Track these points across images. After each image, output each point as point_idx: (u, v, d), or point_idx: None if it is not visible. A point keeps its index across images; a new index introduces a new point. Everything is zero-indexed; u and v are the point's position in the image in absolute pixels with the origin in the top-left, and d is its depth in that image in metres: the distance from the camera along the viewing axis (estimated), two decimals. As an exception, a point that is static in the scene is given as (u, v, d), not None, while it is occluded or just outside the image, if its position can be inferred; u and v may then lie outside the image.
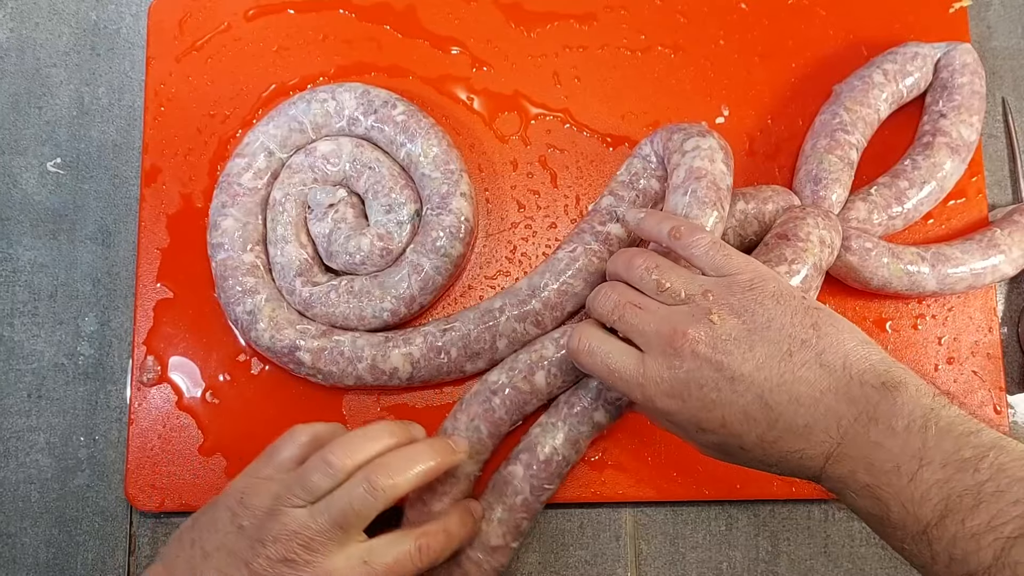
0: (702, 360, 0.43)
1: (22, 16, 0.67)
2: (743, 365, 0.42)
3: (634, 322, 0.46)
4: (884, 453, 0.39)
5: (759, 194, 0.58)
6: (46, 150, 0.65)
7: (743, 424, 0.42)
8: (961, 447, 0.38)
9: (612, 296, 0.48)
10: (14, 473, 0.61)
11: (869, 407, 0.40)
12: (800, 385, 0.41)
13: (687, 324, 0.43)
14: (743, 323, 0.43)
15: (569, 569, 0.59)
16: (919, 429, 0.39)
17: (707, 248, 0.47)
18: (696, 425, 0.44)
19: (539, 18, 0.65)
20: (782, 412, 0.41)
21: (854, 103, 0.60)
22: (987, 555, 0.35)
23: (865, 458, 0.39)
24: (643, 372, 0.44)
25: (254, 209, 0.59)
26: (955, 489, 0.37)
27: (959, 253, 0.58)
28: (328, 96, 0.59)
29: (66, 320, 0.63)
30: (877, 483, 0.39)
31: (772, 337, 0.42)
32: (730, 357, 0.42)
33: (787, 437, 0.41)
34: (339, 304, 0.57)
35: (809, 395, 0.41)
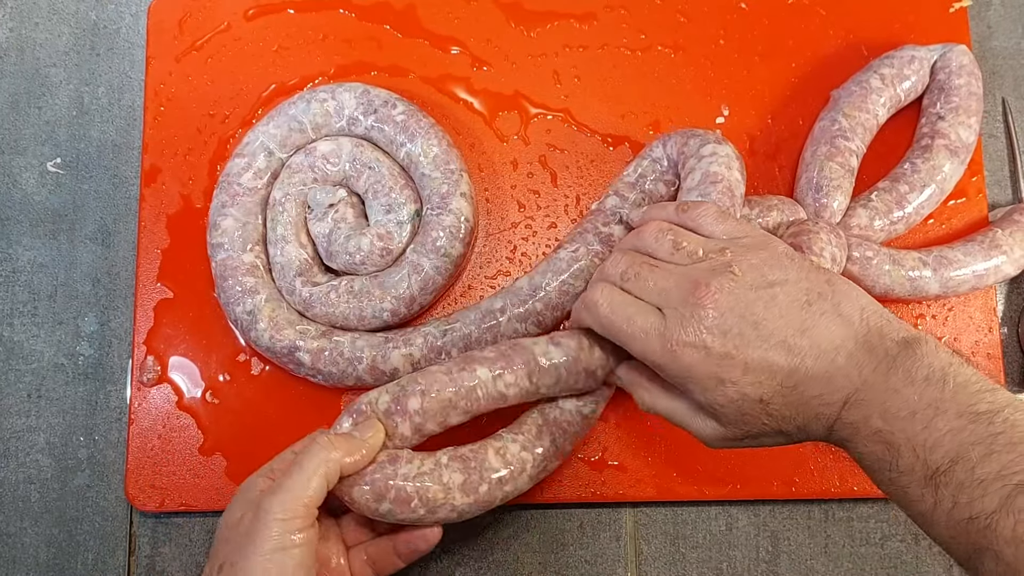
0: (726, 309, 0.43)
1: (22, 16, 0.67)
2: (766, 312, 0.43)
3: (652, 279, 0.46)
4: (901, 400, 0.40)
5: (764, 202, 0.58)
6: (46, 150, 0.65)
7: (766, 371, 0.42)
8: (977, 401, 0.39)
9: (626, 258, 0.48)
10: (14, 473, 0.61)
11: (888, 358, 0.41)
12: (821, 332, 0.42)
13: (708, 277, 0.44)
14: (762, 276, 0.44)
15: (569, 569, 0.59)
16: (938, 380, 0.39)
17: (716, 215, 0.48)
18: (717, 377, 0.43)
19: (539, 18, 0.65)
20: (804, 357, 0.42)
21: (853, 109, 0.60)
22: (992, 501, 0.36)
23: (882, 404, 0.40)
24: (665, 325, 0.44)
25: (254, 209, 0.59)
26: (968, 439, 0.38)
27: (961, 255, 0.58)
28: (328, 96, 0.59)
29: (66, 320, 0.63)
30: (891, 428, 0.40)
31: (790, 290, 0.43)
32: (753, 306, 0.43)
33: (808, 383, 0.42)
34: (339, 304, 0.57)
35: (830, 341, 0.42)
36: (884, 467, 0.40)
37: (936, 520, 0.38)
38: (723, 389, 0.43)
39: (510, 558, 0.59)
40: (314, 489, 0.45)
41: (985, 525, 0.36)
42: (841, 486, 0.59)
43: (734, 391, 0.43)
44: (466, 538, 0.59)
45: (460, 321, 0.57)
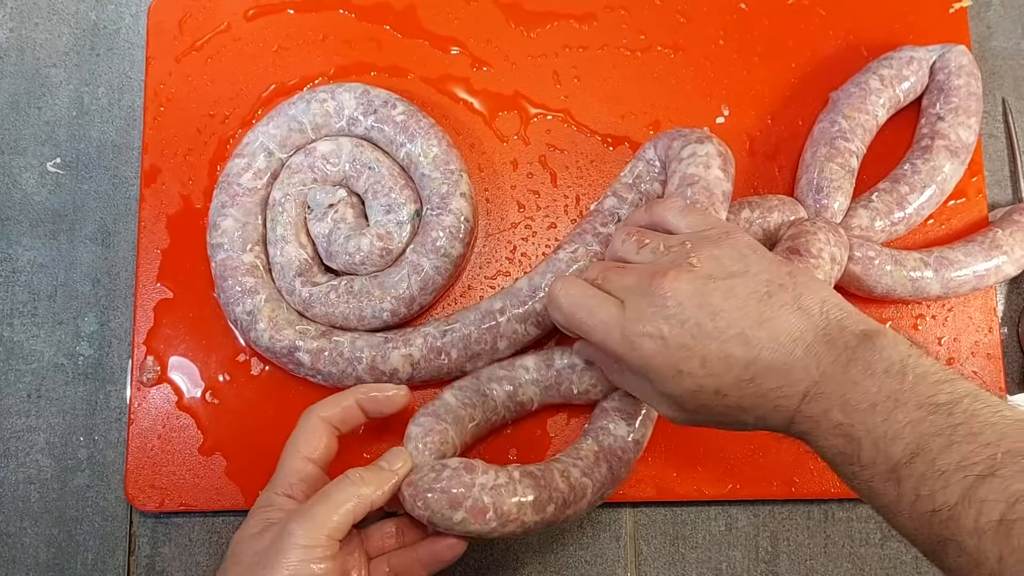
0: (684, 298, 0.43)
1: (22, 16, 0.67)
2: (724, 303, 0.43)
3: (616, 277, 0.47)
4: (861, 392, 0.40)
5: (764, 203, 0.58)
6: (46, 150, 0.65)
7: (723, 363, 0.42)
8: (936, 392, 0.38)
9: (598, 266, 0.50)
10: (14, 473, 0.61)
11: (848, 350, 0.41)
12: (779, 324, 0.42)
13: (667, 267, 0.44)
14: (721, 267, 0.44)
15: (569, 569, 0.59)
16: (897, 372, 0.39)
17: (680, 208, 0.49)
18: (674, 368, 0.43)
19: (539, 18, 0.65)
20: (762, 349, 0.42)
21: (852, 110, 0.60)
22: (954, 492, 0.36)
23: (841, 396, 0.40)
24: (624, 315, 0.45)
25: (254, 209, 0.59)
26: (928, 430, 0.37)
27: (962, 256, 0.58)
28: (328, 96, 0.59)
29: (66, 320, 0.63)
30: (851, 421, 0.40)
31: (750, 281, 0.43)
32: (711, 296, 0.43)
33: (766, 375, 0.42)
34: (339, 304, 0.57)
35: (788, 334, 0.42)
36: (846, 461, 0.40)
37: (900, 513, 0.38)
38: (680, 380, 0.44)
39: (510, 558, 0.59)
40: (339, 522, 0.45)
41: (948, 516, 0.36)
42: (841, 486, 0.59)
43: (691, 382, 0.43)
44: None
45: (460, 321, 0.57)
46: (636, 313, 0.44)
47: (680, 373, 0.43)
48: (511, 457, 0.58)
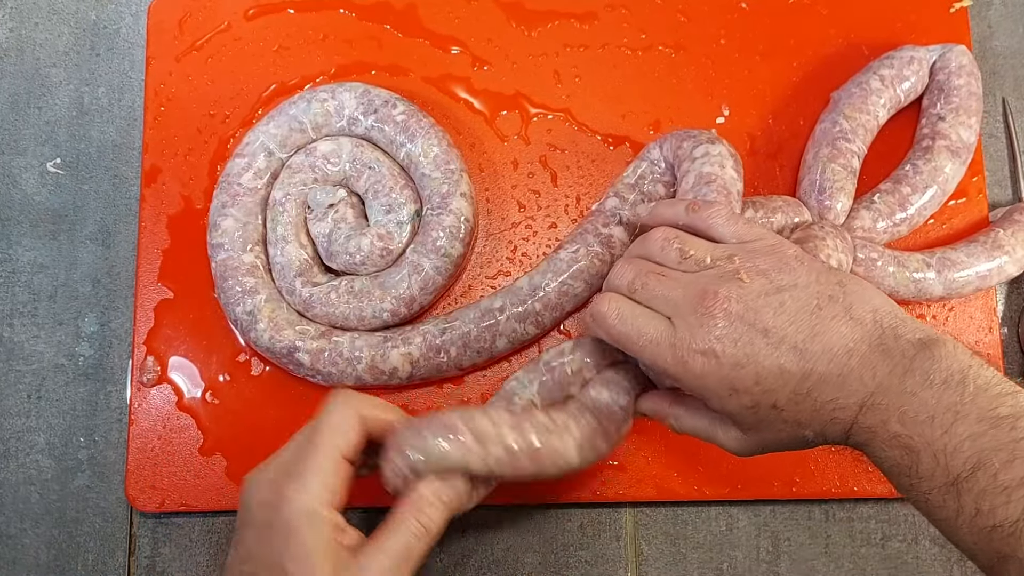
0: (735, 317, 0.43)
1: (22, 16, 0.67)
2: (775, 319, 0.42)
3: (659, 289, 0.46)
4: (919, 404, 0.39)
5: (769, 203, 0.58)
6: (46, 150, 0.65)
7: (777, 379, 0.42)
8: (998, 405, 0.38)
9: (632, 267, 0.48)
10: (14, 474, 0.61)
11: (905, 360, 0.40)
12: (832, 336, 0.42)
13: (716, 285, 0.44)
14: (771, 282, 0.44)
15: (569, 569, 0.59)
16: (957, 384, 0.39)
17: (727, 217, 0.48)
18: (729, 386, 0.43)
19: (540, 17, 0.65)
20: (816, 362, 0.41)
21: (853, 110, 0.60)
22: (1016, 509, 0.35)
23: (899, 408, 0.40)
24: (675, 334, 0.44)
25: (254, 209, 0.59)
26: (989, 444, 0.37)
27: (964, 256, 0.57)
28: (328, 96, 0.59)
29: (66, 321, 0.63)
30: (909, 433, 0.39)
31: (800, 294, 0.43)
32: (762, 312, 0.43)
33: (821, 387, 0.41)
34: (339, 304, 0.57)
35: (842, 345, 0.41)
36: (904, 472, 0.40)
37: (959, 527, 0.38)
38: (737, 398, 0.43)
39: (510, 558, 0.59)
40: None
41: (1009, 533, 0.35)
42: (841, 486, 0.59)
43: (748, 399, 0.43)
44: (466, 537, 0.59)
45: (459, 319, 0.57)
46: (687, 332, 0.44)
47: (736, 391, 0.43)
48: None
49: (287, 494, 0.42)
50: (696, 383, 0.44)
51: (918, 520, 0.60)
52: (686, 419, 0.49)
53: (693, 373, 0.44)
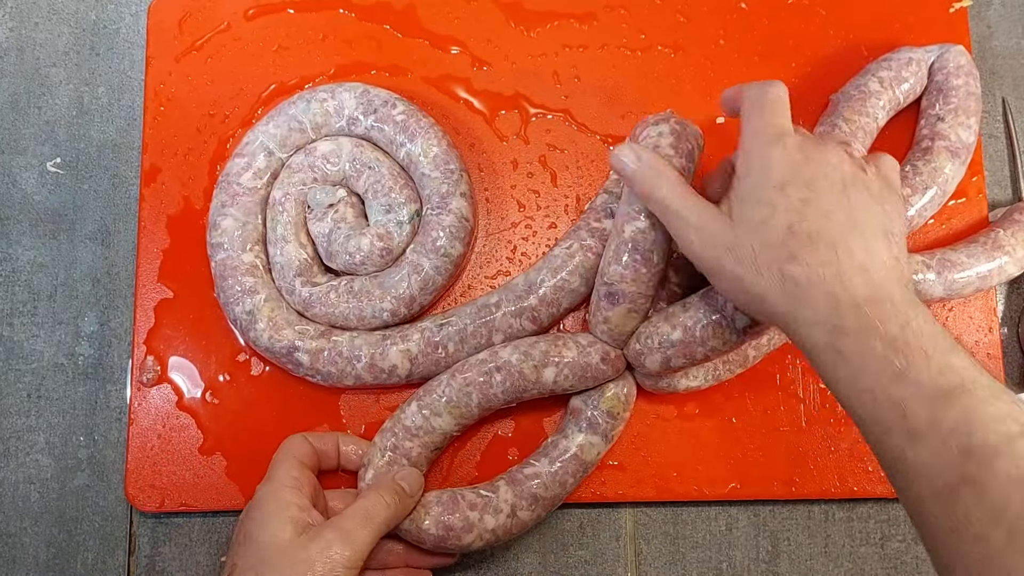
0: (840, 162, 0.45)
1: (22, 16, 0.67)
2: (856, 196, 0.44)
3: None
4: (922, 325, 0.40)
5: None
6: (46, 150, 0.65)
7: (821, 213, 0.43)
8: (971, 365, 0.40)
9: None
10: (14, 473, 0.61)
11: (915, 305, 0.42)
12: (878, 245, 0.43)
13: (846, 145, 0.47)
14: (876, 184, 0.46)
15: (569, 569, 0.59)
16: (950, 335, 0.41)
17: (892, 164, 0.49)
18: (785, 179, 0.44)
19: (539, 17, 0.65)
20: (855, 239, 0.43)
21: (852, 113, 0.60)
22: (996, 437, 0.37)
23: (905, 319, 0.40)
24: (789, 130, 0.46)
25: (254, 209, 0.59)
26: (978, 377, 0.39)
27: (964, 257, 0.57)
28: (328, 96, 0.59)
29: (66, 320, 0.63)
30: (907, 339, 0.40)
31: (881, 211, 0.45)
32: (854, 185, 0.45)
33: (844, 253, 0.42)
34: (339, 304, 0.57)
35: (880, 257, 0.43)
36: (886, 368, 0.40)
37: (927, 438, 0.38)
38: (774, 194, 0.44)
39: (510, 558, 0.59)
40: (373, 543, 0.49)
41: (981, 456, 0.36)
42: (841, 486, 0.59)
43: (783, 200, 0.44)
44: (466, 538, 0.59)
45: (456, 316, 0.57)
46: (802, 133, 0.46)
47: (783, 188, 0.44)
48: (510, 457, 0.58)
49: (258, 491, 0.51)
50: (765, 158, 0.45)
51: (917, 520, 0.60)
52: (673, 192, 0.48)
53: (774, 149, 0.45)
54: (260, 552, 0.47)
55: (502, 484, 0.55)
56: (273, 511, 0.49)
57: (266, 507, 0.49)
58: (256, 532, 0.48)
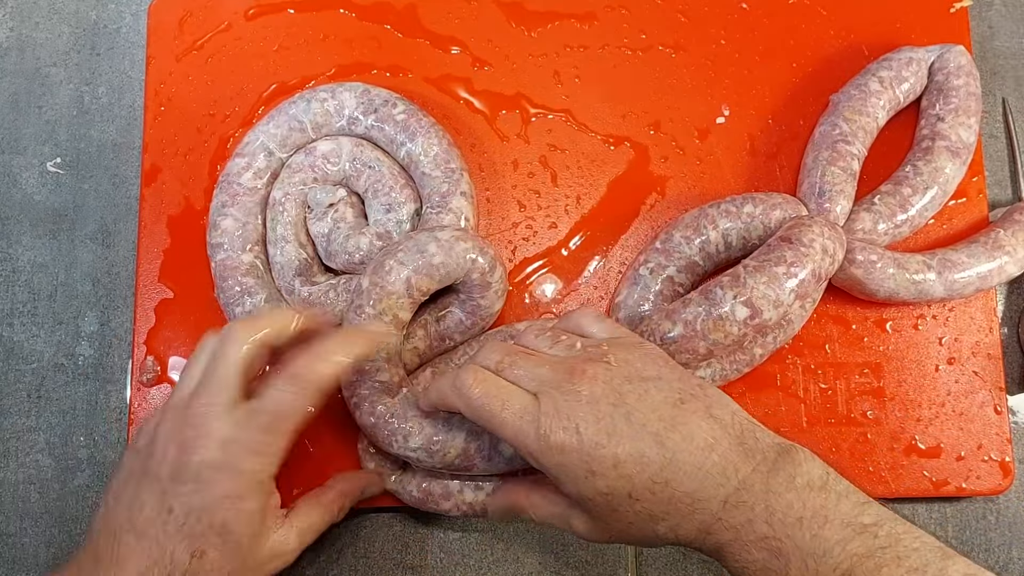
0: (600, 396, 0.43)
1: (22, 16, 0.67)
2: (639, 403, 0.43)
3: (528, 365, 0.45)
4: (786, 504, 0.40)
5: (768, 200, 0.58)
6: (46, 150, 0.65)
7: (636, 464, 0.42)
8: (860, 513, 0.40)
9: (502, 348, 0.47)
10: (14, 473, 0.61)
11: (767, 461, 0.41)
12: (693, 428, 0.42)
13: (585, 363, 0.44)
14: (636, 371, 0.44)
15: (569, 569, 0.59)
16: (819, 488, 0.40)
17: (595, 317, 0.49)
18: (587, 467, 0.42)
19: (540, 17, 0.65)
20: (677, 451, 0.42)
21: (853, 113, 0.60)
22: None
23: (766, 506, 0.40)
24: (539, 408, 0.43)
25: (253, 209, 0.59)
26: (857, 550, 0.38)
27: (965, 257, 0.57)
28: (328, 96, 0.59)
29: (66, 320, 0.63)
30: (777, 535, 0.40)
31: (663, 386, 0.44)
32: (626, 396, 0.43)
33: (680, 478, 0.41)
34: (338, 303, 0.57)
35: (703, 439, 0.42)
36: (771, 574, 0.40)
37: None
38: (593, 481, 0.43)
39: (510, 558, 0.59)
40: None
41: None
42: (841, 486, 0.59)
43: (603, 484, 0.42)
44: (466, 537, 0.59)
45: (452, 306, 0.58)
46: (552, 406, 0.43)
47: (593, 474, 0.42)
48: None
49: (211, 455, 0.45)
50: (555, 460, 0.43)
51: (916, 520, 0.60)
52: (543, 507, 0.48)
53: (554, 448, 0.43)
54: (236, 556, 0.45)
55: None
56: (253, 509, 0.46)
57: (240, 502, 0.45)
58: (235, 526, 0.45)
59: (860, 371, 0.60)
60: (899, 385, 0.60)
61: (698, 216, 0.58)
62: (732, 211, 0.57)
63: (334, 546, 0.59)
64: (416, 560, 0.59)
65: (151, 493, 0.45)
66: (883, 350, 0.60)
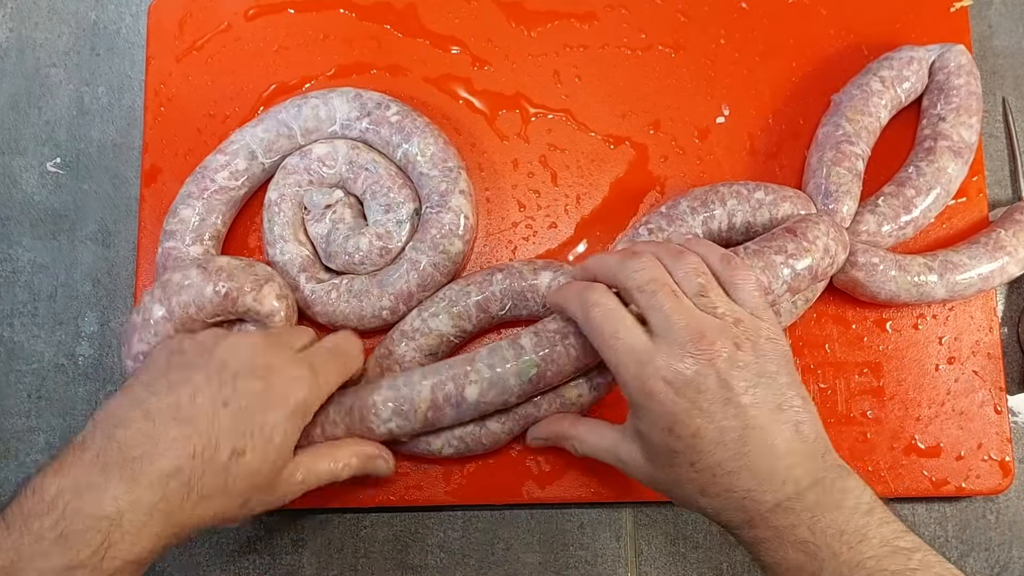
0: (714, 371, 0.44)
1: (22, 16, 0.67)
2: (743, 395, 0.44)
3: (667, 306, 0.45)
4: (830, 519, 0.42)
5: (780, 191, 0.58)
6: (46, 150, 0.65)
7: (712, 444, 0.43)
8: (898, 538, 0.42)
9: (652, 271, 0.47)
10: (14, 473, 0.61)
11: (826, 480, 0.44)
12: (777, 435, 0.44)
13: (716, 335, 0.44)
14: (757, 363, 0.45)
15: (569, 569, 0.59)
16: (865, 513, 0.43)
17: (754, 287, 0.48)
18: (668, 423, 0.44)
19: (539, 17, 0.65)
20: (753, 450, 0.43)
21: (855, 113, 0.60)
22: None
23: (812, 517, 0.42)
24: (652, 351, 0.45)
25: (219, 207, 0.58)
26: (889, 567, 0.41)
27: (966, 259, 0.57)
28: (320, 102, 0.58)
29: (66, 320, 0.63)
30: (816, 542, 0.42)
31: (773, 388, 0.45)
32: (737, 382, 0.44)
33: (743, 474, 0.43)
34: (339, 303, 0.57)
35: (781, 448, 0.44)
36: (802, 574, 0.42)
37: None
38: (666, 436, 0.44)
39: (510, 558, 0.59)
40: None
41: None
42: (841, 486, 0.59)
43: (675, 443, 0.44)
44: (466, 537, 0.59)
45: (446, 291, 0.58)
46: (665, 357, 0.44)
47: (670, 432, 0.44)
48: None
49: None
50: (643, 400, 0.45)
51: (916, 520, 0.60)
52: (589, 439, 0.51)
53: (646, 392, 0.44)
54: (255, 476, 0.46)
55: None
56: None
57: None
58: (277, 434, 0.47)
59: (860, 370, 0.60)
60: (899, 385, 0.60)
61: (708, 191, 0.58)
62: (743, 193, 0.57)
63: (334, 545, 0.59)
64: (416, 560, 0.59)
65: (206, 382, 0.45)
66: (883, 349, 0.60)
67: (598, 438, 0.50)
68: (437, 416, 0.52)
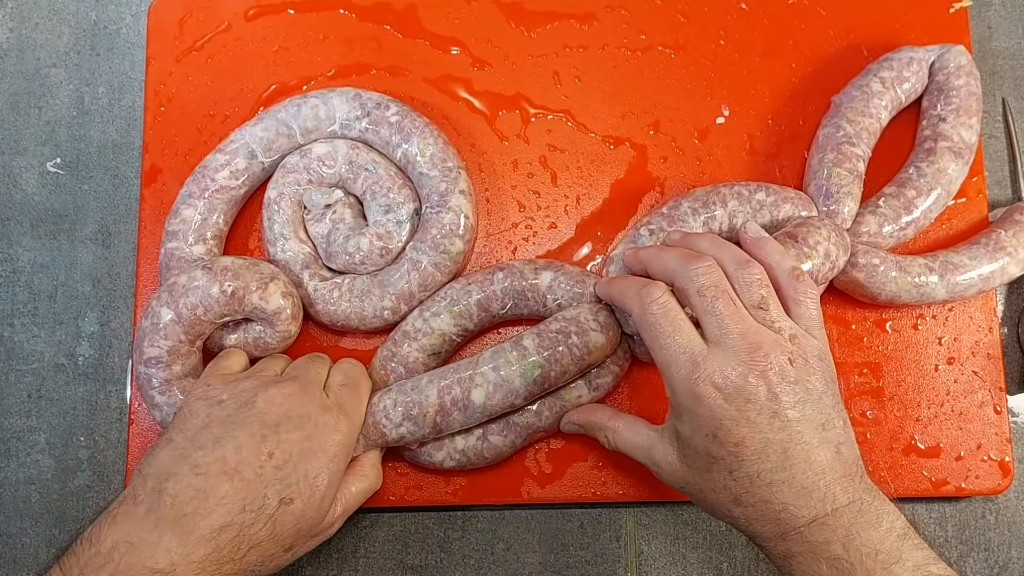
0: (765, 383, 0.44)
1: (22, 16, 0.67)
2: (790, 410, 0.44)
3: (725, 312, 0.46)
4: (866, 538, 0.43)
5: (782, 192, 0.58)
6: (46, 150, 0.65)
7: (754, 455, 0.44)
8: (931, 564, 0.43)
9: (714, 276, 0.48)
10: (14, 473, 0.61)
11: (862, 501, 0.44)
12: (818, 453, 0.44)
13: (772, 348, 0.45)
14: (807, 380, 0.45)
15: (569, 569, 0.59)
16: (898, 536, 0.43)
17: (814, 304, 0.49)
18: (714, 429, 0.44)
19: (539, 18, 0.65)
20: (794, 464, 0.44)
21: (855, 114, 0.60)
22: None
23: (847, 535, 0.43)
24: (706, 355, 0.45)
25: (220, 206, 0.58)
26: None
27: (967, 259, 0.57)
28: (319, 102, 0.58)
29: (66, 320, 0.63)
30: (851, 559, 0.42)
31: (819, 406, 0.45)
32: (785, 396, 0.44)
33: (782, 487, 0.44)
34: (340, 303, 0.57)
35: (821, 465, 0.44)
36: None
37: None
38: (708, 442, 0.45)
39: (510, 558, 0.59)
40: None
41: None
42: (841, 486, 0.59)
43: (716, 450, 0.45)
44: (466, 537, 0.59)
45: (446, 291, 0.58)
46: (718, 363, 0.45)
47: (713, 438, 0.45)
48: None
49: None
50: (688, 403, 0.45)
51: (916, 520, 0.60)
52: (625, 435, 0.51)
53: (694, 395, 0.45)
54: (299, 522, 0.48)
55: None
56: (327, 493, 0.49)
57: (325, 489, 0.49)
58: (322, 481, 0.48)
59: (859, 371, 0.60)
60: (898, 385, 0.60)
61: (709, 192, 0.58)
62: (744, 194, 0.57)
63: (334, 546, 0.59)
64: (416, 560, 0.59)
65: (249, 437, 0.47)
66: (882, 350, 0.60)
67: (634, 434, 0.51)
68: (445, 420, 0.52)
